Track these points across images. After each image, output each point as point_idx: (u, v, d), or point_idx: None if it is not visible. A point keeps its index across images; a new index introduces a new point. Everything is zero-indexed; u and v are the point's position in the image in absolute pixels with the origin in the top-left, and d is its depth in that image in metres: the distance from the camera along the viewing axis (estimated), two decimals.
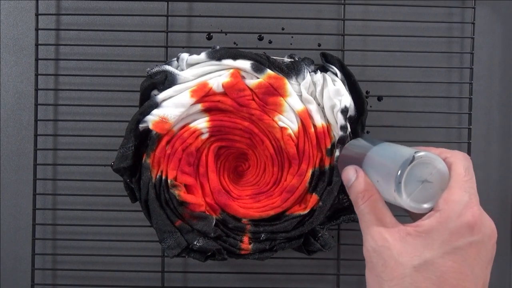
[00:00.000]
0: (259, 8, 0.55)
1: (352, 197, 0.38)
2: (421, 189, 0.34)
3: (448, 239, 0.32)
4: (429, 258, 0.32)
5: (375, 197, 0.36)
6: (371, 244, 0.35)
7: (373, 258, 0.34)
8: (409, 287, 0.32)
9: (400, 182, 0.34)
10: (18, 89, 0.55)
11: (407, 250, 0.33)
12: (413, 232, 0.33)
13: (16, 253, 0.56)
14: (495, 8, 0.56)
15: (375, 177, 0.37)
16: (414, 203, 0.34)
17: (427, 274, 0.32)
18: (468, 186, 0.34)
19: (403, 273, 0.33)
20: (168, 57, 0.53)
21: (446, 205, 0.33)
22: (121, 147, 0.47)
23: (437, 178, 0.35)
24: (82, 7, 0.55)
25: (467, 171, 0.34)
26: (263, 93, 0.46)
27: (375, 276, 0.34)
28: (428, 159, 0.34)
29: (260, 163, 0.50)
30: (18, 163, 0.56)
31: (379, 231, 0.35)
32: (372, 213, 0.36)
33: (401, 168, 0.34)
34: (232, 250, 0.48)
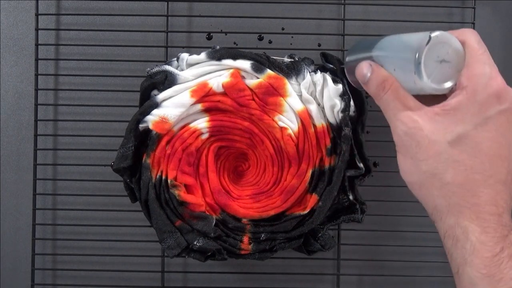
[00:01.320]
0: (259, 8, 0.55)
1: (371, 90, 0.38)
2: (440, 69, 0.34)
3: (478, 111, 0.33)
4: (462, 132, 0.33)
5: (395, 84, 0.36)
6: (401, 128, 0.35)
7: (405, 141, 0.35)
8: (446, 162, 0.33)
9: (420, 62, 0.34)
10: (18, 89, 0.56)
11: (438, 128, 0.33)
12: (440, 111, 0.34)
13: (16, 253, 0.56)
14: (495, 8, 0.56)
15: (390, 67, 0.37)
16: (436, 84, 0.34)
17: (463, 147, 0.33)
18: (486, 58, 0.34)
19: (438, 150, 0.33)
20: (168, 57, 0.53)
21: (470, 80, 0.33)
22: (121, 147, 0.47)
23: (454, 57, 0.35)
24: (82, 7, 0.55)
25: (480, 44, 0.35)
26: (263, 93, 0.46)
27: (409, 158, 0.35)
28: (444, 38, 0.34)
29: (260, 163, 0.50)
30: (18, 163, 0.56)
31: (407, 115, 0.35)
32: (396, 100, 0.36)
33: (419, 49, 0.34)
34: (232, 250, 0.48)
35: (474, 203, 0.33)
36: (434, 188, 0.34)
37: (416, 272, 0.55)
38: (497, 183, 0.33)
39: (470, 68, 0.34)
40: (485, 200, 0.32)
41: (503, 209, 0.33)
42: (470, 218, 0.33)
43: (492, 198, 0.33)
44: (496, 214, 0.32)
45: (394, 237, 0.55)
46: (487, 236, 0.32)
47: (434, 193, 0.34)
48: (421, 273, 0.55)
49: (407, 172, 0.36)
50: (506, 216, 0.33)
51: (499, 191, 0.33)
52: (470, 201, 0.33)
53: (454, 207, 0.33)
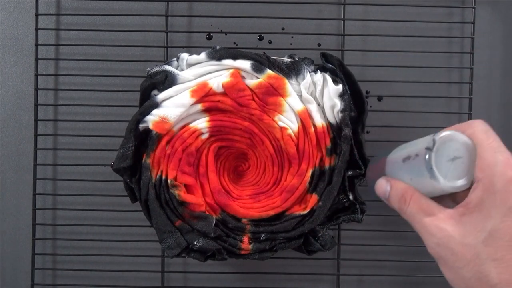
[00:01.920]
0: (259, 8, 0.55)
1: (395, 206, 0.38)
2: (454, 168, 0.35)
3: (501, 202, 0.32)
4: (492, 228, 0.32)
5: (416, 194, 0.36)
6: (432, 240, 0.35)
7: (440, 252, 0.34)
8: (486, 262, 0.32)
9: (432, 167, 0.34)
10: (18, 89, 0.56)
11: (468, 230, 0.33)
12: (465, 211, 0.33)
13: (16, 253, 0.56)
14: (495, 8, 0.56)
15: (407, 178, 0.37)
16: (453, 182, 0.34)
17: (497, 242, 0.32)
18: (495, 146, 0.34)
19: (475, 252, 0.33)
20: (168, 57, 0.53)
21: (483, 172, 0.33)
22: (121, 147, 0.47)
23: (465, 152, 0.35)
24: (82, 7, 0.55)
25: (488, 133, 0.34)
26: (263, 93, 0.46)
27: (451, 268, 0.34)
28: (449, 136, 0.35)
29: (260, 163, 0.50)
30: (18, 163, 0.56)
31: (434, 225, 0.34)
32: (420, 211, 0.35)
33: (427, 154, 0.34)
34: (232, 250, 0.48)
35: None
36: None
37: (416, 272, 0.55)
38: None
39: (482, 159, 0.33)
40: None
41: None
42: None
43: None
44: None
45: (394, 237, 0.55)
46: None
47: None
48: (421, 273, 0.55)
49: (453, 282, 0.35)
50: None
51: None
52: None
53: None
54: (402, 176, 0.38)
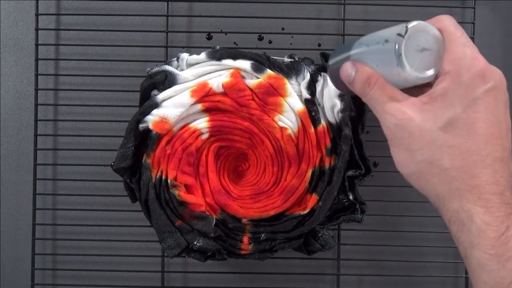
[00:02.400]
0: (259, 8, 0.55)
1: (357, 89, 0.38)
2: (421, 58, 0.35)
3: (465, 93, 0.33)
4: (453, 116, 0.33)
5: (380, 79, 0.36)
6: (391, 121, 0.35)
7: (397, 133, 0.35)
8: (441, 148, 0.33)
9: (401, 54, 0.34)
10: (18, 89, 0.56)
11: (428, 116, 0.33)
12: (428, 99, 0.34)
13: (16, 253, 0.56)
14: (495, 8, 0.56)
15: (373, 64, 0.37)
16: (419, 72, 0.34)
17: (455, 130, 0.33)
18: (464, 40, 0.34)
19: (432, 137, 0.33)
20: (168, 57, 0.53)
21: (452, 64, 0.33)
22: (121, 147, 0.47)
23: (434, 44, 0.35)
24: (82, 7, 0.55)
25: (456, 28, 0.35)
26: (263, 93, 0.46)
27: (403, 150, 0.35)
28: (421, 26, 0.35)
29: (260, 163, 0.50)
30: (18, 163, 0.56)
31: (396, 107, 0.35)
32: (383, 94, 0.36)
33: (397, 41, 0.34)
34: (232, 250, 0.48)
35: (474, 185, 0.33)
36: (433, 176, 0.34)
37: (416, 272, 0.55)
38: (494, 162, 0.33)
39: (450, 52, 0.34)
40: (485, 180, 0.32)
41: (504, 187, 0.33)
42: (473, 200, 0.33)
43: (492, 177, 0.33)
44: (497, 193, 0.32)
45: (394, 237, 0.55)
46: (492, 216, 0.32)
47: (433, 181, 0.34)
48: (421, 273, 0.55)
49: (403, 164, 0.36)
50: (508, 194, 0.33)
51: (498, 169, 0.33)
52: (470, 183, 0.33)
53: (456, 192, 0.33)
54: (368, 62, 0.37)
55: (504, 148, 0.33)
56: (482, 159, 0.33)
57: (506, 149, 0.33)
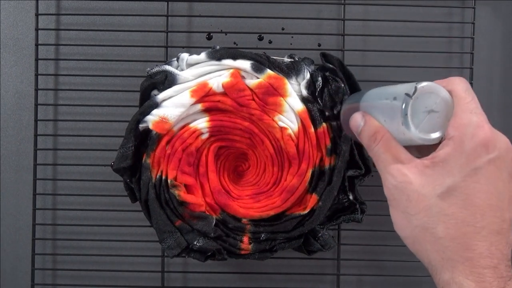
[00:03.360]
0: (259, 8, 0.55)
1: (364, 141, 0.38)
2: (428, 120, 0.34)
3: (466, 162, 0.32)
4: (452, 184, 0.32)
5: (387, 136, 0.36)
6: (391, 182, 0.35)
7: (395, 195, 0.35)
8: (437, 215, 0.33)
9: (407, 114, 0.34)
10: (18, 89, 0.56)
11: (428, 181, 0.33)
12: (430, 164, 0.33)
13: (16, 253, 0.56)
14: (495, 8, 0.56)
15: (381, 118, 0.37)
16: (423, 134, 0.34)
17: (453, 200, 0.32)
18: (473, 107, 0.33)
19: (429, 204, 0.33)
20: (168, 57, 0.53)
21: (456, 131, 0.33)
22: (121, 147, 0.47)
23: (442, 107, 0.34)
24: (82, 7, 0.55)
25: (467, 92, 0.34)
26: (263, 93, 0.46)
27: (401, 212, 0.35)
28: (430, 88, 0.34)
29: (260, 163, 0.50)
30: (18, 163, 0.56)
31: (397, 168, 0.35)
32: (387, 152, 0.36)
33: (405, 100, 0.34)
34: (232, 250, 0.48)
35: (467, 257, 0.32)
36: (427, 243, 0.34)
37: (416, 272, 0.55)
38: (490, 234, 0.32)
39: (457, 118, 0.33)
40: (479, 253, 0.32)
41: (498, 260, 0.32)
42: (465, 273, 0.32)
43: (487, 250, 0.32)
44: (491, 267, 0.32)
45: (394, 237, 0.54)
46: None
47: (427, 247, 0.34)
48: (421, 273, 0.55)
49: (400, 227, 0.35)
50: (503, 267, 0.32)
51: (494, 241, 0.32)
52: (463, 255, 0.32)
53: (448, 262, 0.33)
54: (376, 115, 0.37)
55: (503, 220, 0.32)
56: (477, 231, 0.32)
57: (506, 221, 0.33)
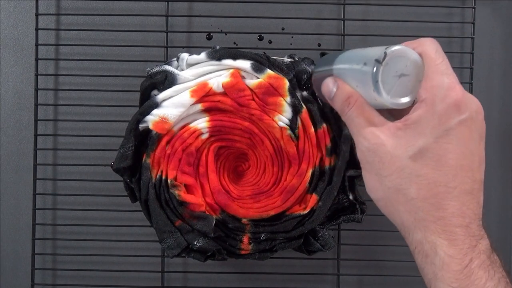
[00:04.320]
0: (259, 8, 0.55)
1: (337, 106, 0.38)
2: (399, 84, 0.34)
3: (438, 123, 0.32)
4: (423, 145, 0.32)
5: (360, 100, 0.36)
6: (364, 144, 0.35)
7: (368, 157, 0.35)
8: (409, 176, 0.33)
9: (377, 80, 0.33)
10: (18, 89, 0.56)
11: (400, 143, 0.33)
12: (402, 126, 0.33)
13: (16, 253, 0.56)
14: (495, 8, 0.56)
15: (353, 83, 0.37)
16: (395, 99, 0.34)
17: (425, 160, 0.32)
18: (444, 68, 0.33)
19: (401, 165, 0.33)
20: (168, 57, 0.53)
21: (428, 93, 0.33)
22: (121, 147, 0.47)
23: (413, 69, 0.34)
24: (82, 7, 0.55)
25: (437, 54, 0.34)
26: (263, 93, 0.46)
27: (374, 175, 0.35)
28: (400, 52, 0.34)
29: (260, 163, 0.50)
30: (18, 163, 0.56)
31: (370, 131, 0.35)
32: (360, 116, 0.36)
33: (375, 66, 0.34)
34: (232, 250, 0.48)
35: (440, 217, 0.32)
36: (399, 204, 0.34)
37: (416, 272, 0.55)
38: (462, 194, 0.32)
39: (428, 80, 0.33)
40: (451, 212, 0.32)
41: (470, 219, 0.32)
42: (437, 232, 0.32)
43: (458, 210, 0.32)
44: (463, 226, 0.32)
45: (394, 237, 0.55)
46: (455, 249, 0.32)
47: (400, 208, 0.34)
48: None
49: (372, 189, 0.35)
50: (475, 226, 0.32)
51: (465, 201, 0.32)
52: (435, 214, 0.32)
53: (421, 222, 0.33)
54: (348, 80, 0.37)
55: (474, 180, 0.33)
56: (449, 190, 0.32)
57: (477, 181, 0.33)
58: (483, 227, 0.33)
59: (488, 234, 0.34)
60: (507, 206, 0.56)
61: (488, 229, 0.34)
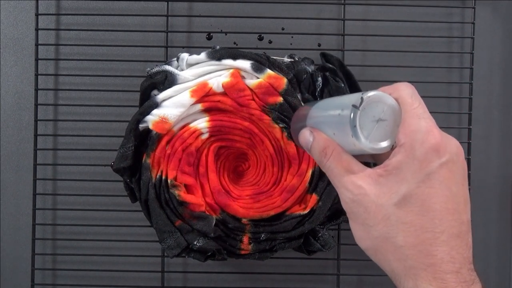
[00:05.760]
0: (259, 8, 0.55)
1: (315, 157, 0.38)
2: (377, 129, 0.34)
3: (419, 168, 0.32)
4: (406, 192, 0.32)
5: (337, 149, 0.36)
6: (347, 195, 0.35)
7: (353, 208, 0.34)
8: (396, 224, 0.32)
9: (355, 125, 0.33)
10: (18, 89, 0.56)
11: (383, 191, 0.33)
12: (383, 172, 0.33)
13: (16, 253, 0.56)
14: (495, 8, 0.56)
15: (330, 131, 0.37)
16: (374, 144, 0.34)
17: (409, 207, 0.32)
18: (421, 112, 0.33)
19: (387, 213, 0.33)
20: (168, 57, 0.53)
21: (407, 137, 0.33)
22: (121, 147, 0.47)
23: (390, 114, 0.34)
24: (82, 7, 0.55)
25: (413, 98, 0.34)
26: (263, 93, 0.46)
27: (360, 225, 0.34)
28: (377, 97, 0.34)
29: (260, 163, 0.50)
30: (18, 163, 0.56)
31: (351, 180, 0.34)
32: (339, 166, 0.35)
33: (353, 111, 0.34)
34: (232, 250, 0.48)
35: (429, 264, 0.32)
36: (388, 253, 0.33)
37: None
38: (450, 238, 0.32)
39: (406, 124, 0.33)
40: (441, 258, 0.32)
41: (460, 264, 0.32)
42: (428, 280, 0.32)
43: (447, 255, 0.32)
44: (453, 272, 0.32)
45: None
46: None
47: (389, 257, 0.33)
48: None
49: (360, 239, 0.35)
50: (465, 271, 0.32)
51: (454, 245, 0.32)
52: (425, 262, 0.32)
53: (411, 270, 0.32)
54: (325, 129, 0.37)
55: (461, 222, 0.32)
56: (437, 236, 0.32)
57: (464, 223, 0.33)
58: (474, 271, 0.33)
59: (480, 278, 0.33)
60: (506, 206, 0.56)
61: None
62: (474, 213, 0.54)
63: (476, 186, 0.54)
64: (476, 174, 0.55)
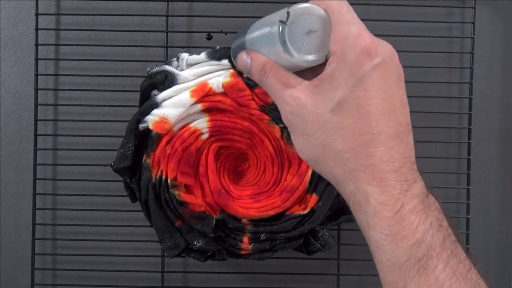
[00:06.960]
0: (259, 8, 0.54)
1: (255, 78, 0.38)
2: (309, 41, 0.34)
3: (351, 73, 0.32)
4: (341, 97, 0.32)
5: (275, 66, 0.36)
6: (287, 108, 0.35)
7: (292, 120, 0.35)
8: (333, 130, 0.33)
9: (285, 40, 0.33)
10: (18, 89, 0.56)
11: (319, 99, 0.33)
12: (319, 82, 0.33)
13: (16, 253, 0.56)
14: (495, 8, 0.56)
15: (265, 50, 0.37)
16: (307, 56, 0.34)
17: (345, 111, 0.32)
18: (349, 18, 0.33)
19: (323, 121, 0.33)
20: (168, 57, 0.53)
21: (337, 45, 0.33)
22: (121, 147, 0.47)
23: (320, 25, 0.34)
24: (82, 7, 0.55)
25: (341, 5, 0.34)
26: (263, 93, 0.46)
27: (300, 136, 0.35)
28: (303, 10, 0.34)
29: (260, 163, 0.50)
30: (18, 163, 0.56)
31: (289, 94, 0.35)
32: (278, 82, 0.35)
33: (280, 27, 0.33)
34: (232, 250, 0.48)
35: (368, 165, 0.32)
36: (328, 160, 0.34)
37: None
38: (388, 139, 0.32)
39: (336, 32, 0.33)
40: (379, 158, 0.32)
41: (400, 164, 0.32)
42: (367, 180, 0.32)
43: (386, 155, 0.32)
44: (393, 171, 0.31)
45: None
46: (386, 196, 0.31)
47: (329, 164, 0.34)
48: None
49: (302, 150, 0.35)
50: (406, 170, 0.32)
51: (393, 145, 0.32)
52: (363, 163, 0.32)
53: (351, 173, 0.33)
54: (260, 49, 0.37)
55: (398, 123, 0.32)
56: (374, 137, 0.32)
57: (402, 124, 0.33)
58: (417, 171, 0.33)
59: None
60: (506, 206, 0.56)
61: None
62: (474, 213, 0.55)
63: (476, 186, 0.54)
64: (476, 174, 0.55)
